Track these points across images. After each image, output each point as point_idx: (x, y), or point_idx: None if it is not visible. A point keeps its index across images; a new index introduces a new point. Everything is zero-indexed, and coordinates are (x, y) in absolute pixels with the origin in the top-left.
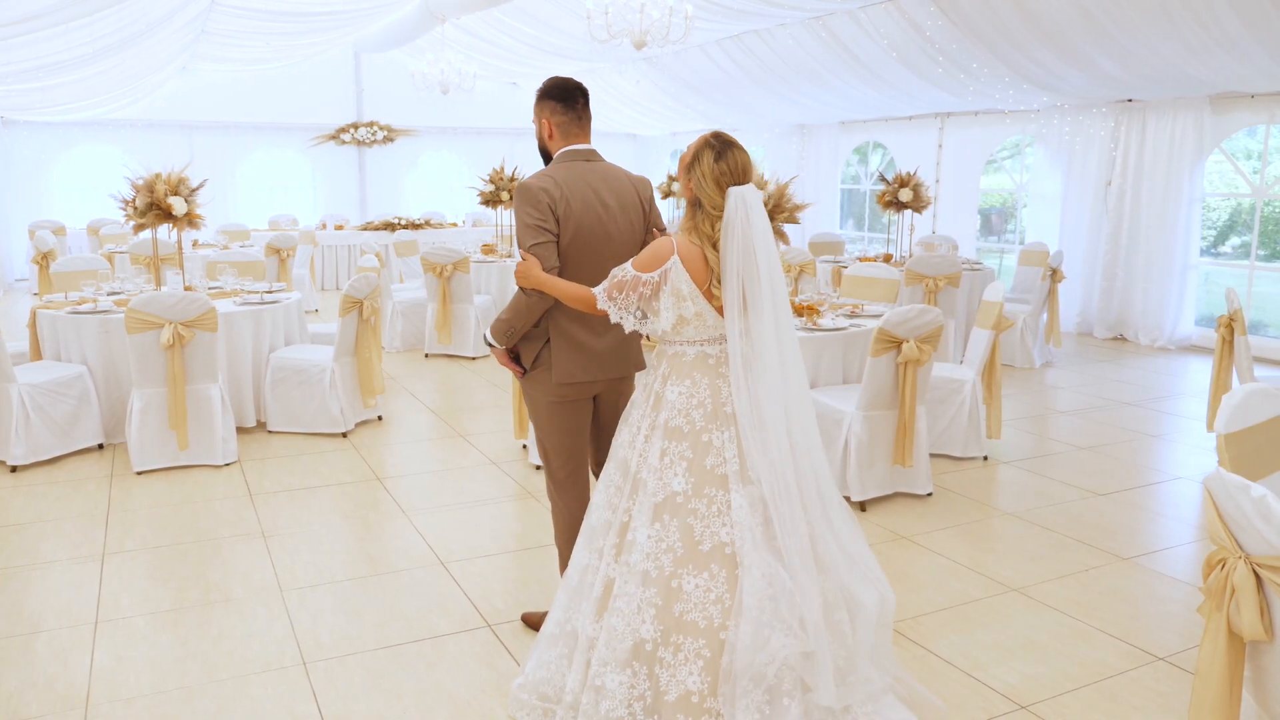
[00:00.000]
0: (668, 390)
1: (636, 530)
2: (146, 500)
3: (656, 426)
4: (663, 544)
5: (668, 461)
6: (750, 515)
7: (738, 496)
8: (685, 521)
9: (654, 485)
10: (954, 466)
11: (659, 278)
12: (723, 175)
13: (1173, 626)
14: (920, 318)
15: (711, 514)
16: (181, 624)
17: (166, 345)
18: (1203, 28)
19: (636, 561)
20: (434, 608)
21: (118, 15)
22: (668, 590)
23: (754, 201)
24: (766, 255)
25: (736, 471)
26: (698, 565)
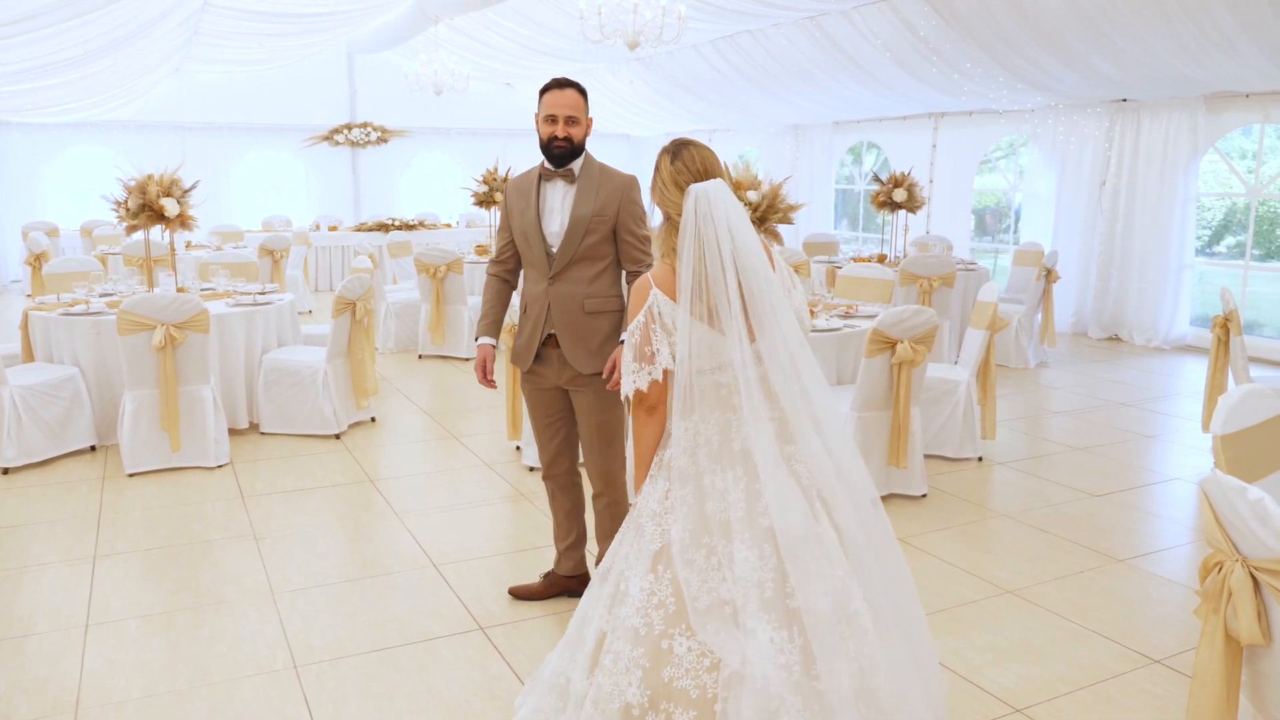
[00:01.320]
0: (674, 425)
1: (630, 580)
2: (138, 502)
3: (660, 465)
4: (654, 598)
5: (669, 505)
6: (759, 569)
7: (743, 548)
8: (680, 574)
9: (651, 531)
10: (949, 467)
11: (644, 317)
12: (680, 173)
13: (1169, 629)
14: (914, 318)
15: (710, 567)
16: (173, 627)
17: (158, 347)
18: (1198, 27)
19: (626, 616)
20: (426, 610)
21: (110, 16)
22: (657, 651)
23: (716, 195)
24: (735, 252)
25: (743, 518)
26: (690, 626)
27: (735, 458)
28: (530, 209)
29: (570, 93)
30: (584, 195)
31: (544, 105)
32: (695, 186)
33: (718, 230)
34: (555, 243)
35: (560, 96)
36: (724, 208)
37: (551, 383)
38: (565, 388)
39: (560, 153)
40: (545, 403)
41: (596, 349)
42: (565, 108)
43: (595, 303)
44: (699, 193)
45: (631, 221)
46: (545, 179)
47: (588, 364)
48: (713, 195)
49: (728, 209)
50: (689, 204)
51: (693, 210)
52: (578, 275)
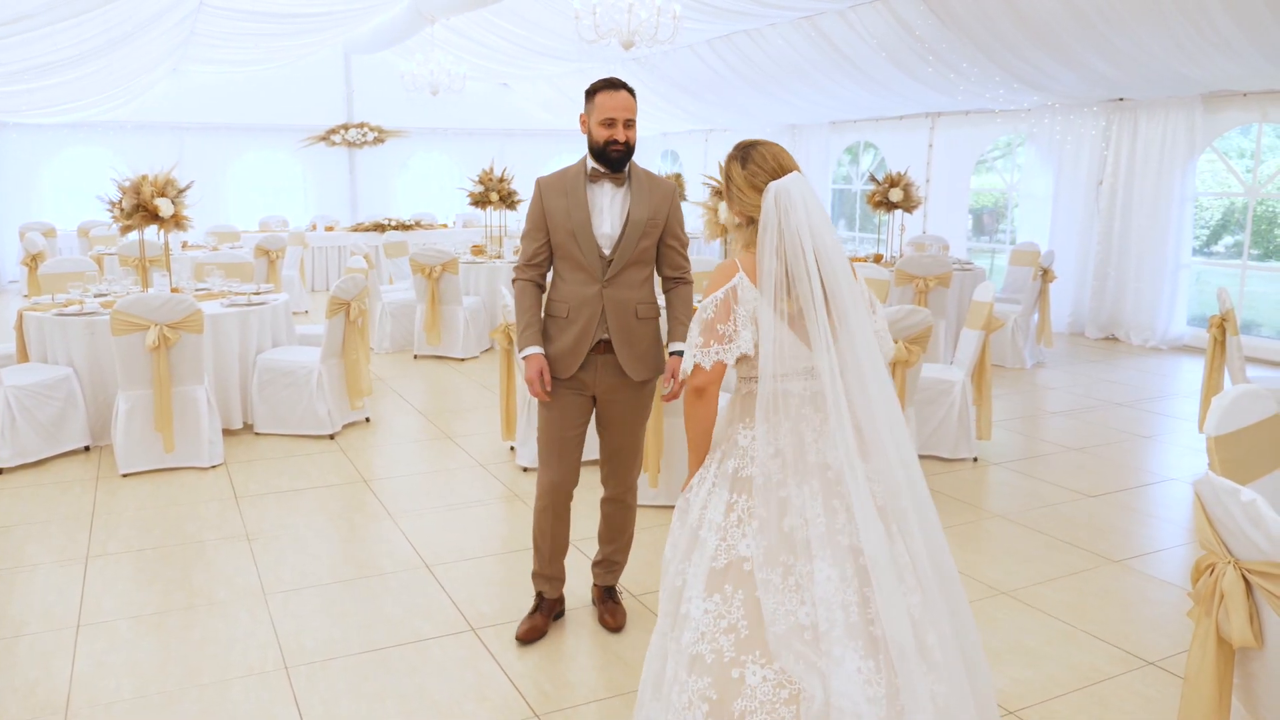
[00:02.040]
0: (739, 434)
1: (690, 601)
2: (131, 503)
3: (724, 476)
4: (723, 621)
5: (735, 519)
6: (842, 590)
7: (824, 566)
8: (753, 595)
9: (715, 546)
10: (944, 468)
11: (725, 295)
12: (754, 175)
13: (1163, 630)
14: (909, 318)
15: (788, 588)
16: (164, 628)
17: (152, 347)
18: (1194, 26)
19: (688, 642)
20: (418, 611)
21: (105, 17)
22: (726, 682)
23: (797, 191)
24: (816, 252)
25: (823, 535)
26: (767, 652)
27: (812, 471)
28: (579, 210)
29: (624, 95)
30: (639, 198)
31: (599, 108)
32: (774, 184)
33: (799, 228)
34: (607, 245)
35: (617, 99)
36: (804, 205)
37: (590, 390)
38: (599, 396)
39: (618, 156)
40: (575, 413)
41: (643, 354)
42: (624, 110)
43: (646, 308)
44: (778, 189)
45: (677, 227)
46: (591, 180)
47: (638, 370)
48: (793, 192)
49: (808, 206)
50: (769, 201)
51: (773, 206)
52: (630, 279)
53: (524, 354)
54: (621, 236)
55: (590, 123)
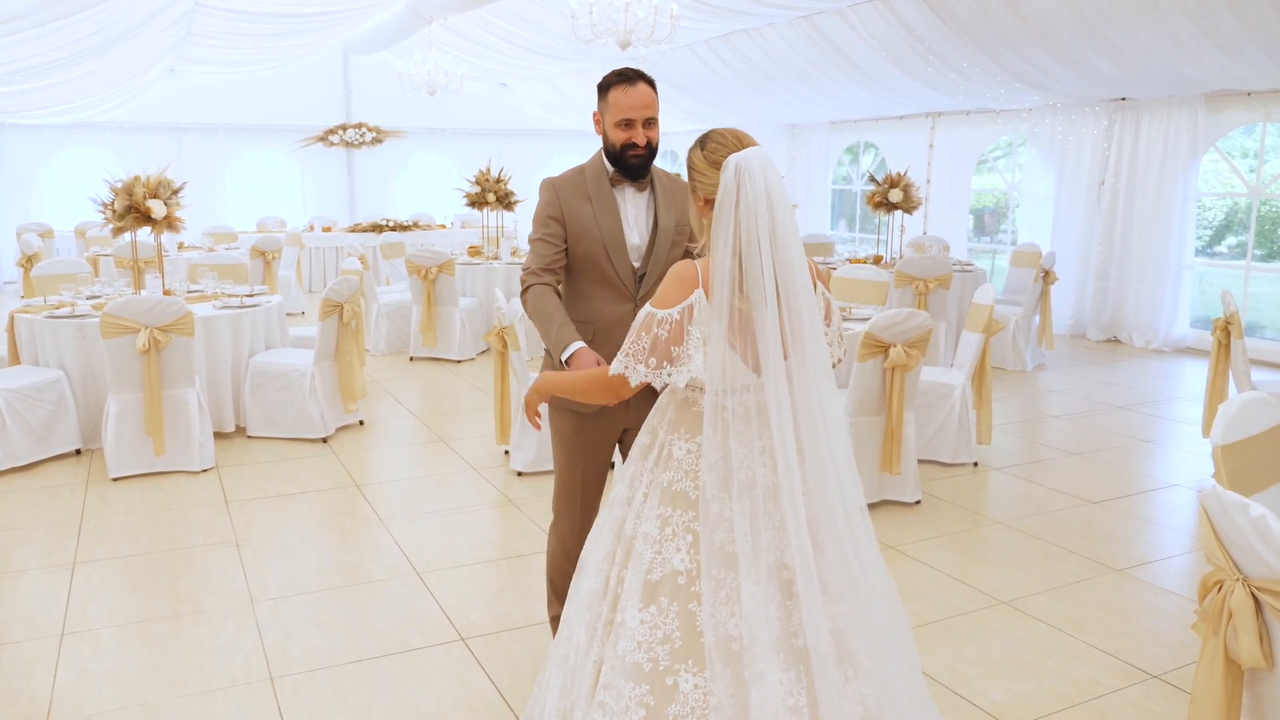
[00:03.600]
0: (675, 446)
1: (626, 611)
2: (121, 507)
3: (656, 486)
4: (658, 632)
5: (669, 532)
6: (764, 606)
7: (748, 583)
8: (687, 607)
9: (650, 559)
10: (943, 473)
11: (681, 315)
12: (714, 152)
13: (1166, 642)
14: (908, 321)
15: (719, 601)
16: (149, 636)
17: (142, 350)
18: (1196, 25)
19: (626, 651)
20: (407, 620)
21: (97, 17)
22: (661, 689)
23: (755, 160)
24: (773, 232)
25: (749, 552)
26: (699, 661)
27: (742, 488)
28: (609, 217)
29: (642, 88)
30: (664, 202)
31: (614, 106)
32: (733, 156)
33: (756, 200)
34: (636, 257)
35: (634, 95)
36: (764, 177)
37: (620, 425)
38: (630, 428)
39: (638, 163)
40: (601, 453)
41: None
42: (643, 108)
43: None
44: (738, 161)
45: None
46: (613, 184)
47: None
48: (753, 161)
49: (768, 179)
50: (728, 173)
51: (732, 177)
52: None
53: (569, 353)
54: (651, 246)
55: (605, 123)
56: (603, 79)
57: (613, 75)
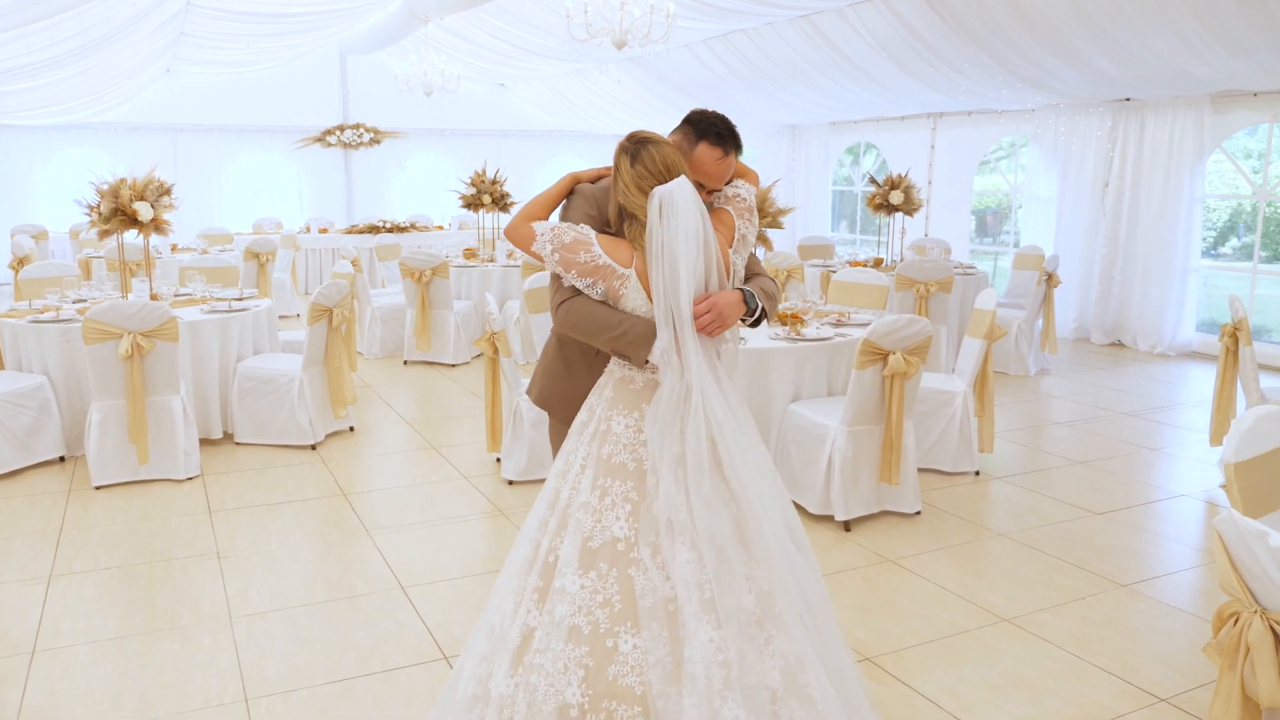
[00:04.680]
0: (614, 421)
1: (565, 577)
2: (102, 517)
3: (594, 459)
4: (598, 596)
5: (609, 502)
6: (698, 570)
7: (683, 550)
8: (626, 572)
9: (590, 527)
10: (944, 482)
11: (602, 265)
12: (642, 178)
13: (1175, 664)
14: (908, 328)
15: (655, 565)
16: (122, 654)
17: (125, 356)
18: (1202, 23)
19: (564, 615)
20: (389, 637)
21: (78, 20)
22: (601, 650)
23: (682, 200)
24: (690, 268)
25: (684, 521)
26: (637, 623)
27: (676, 460)
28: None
29: (732, 159)
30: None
31: (698, 162)
32: (658, 190)
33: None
34: None
35: (722, 166)
36: (686, 213)
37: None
38: None
39: None
40: None
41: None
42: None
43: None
44: (660, 197)
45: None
46: None
47: None
48: (676, 200)
49: (687, 217)
50: (653, 209)
51: (654, 219)
52: None
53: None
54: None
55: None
56: (703, 121)
57: (711, 128)
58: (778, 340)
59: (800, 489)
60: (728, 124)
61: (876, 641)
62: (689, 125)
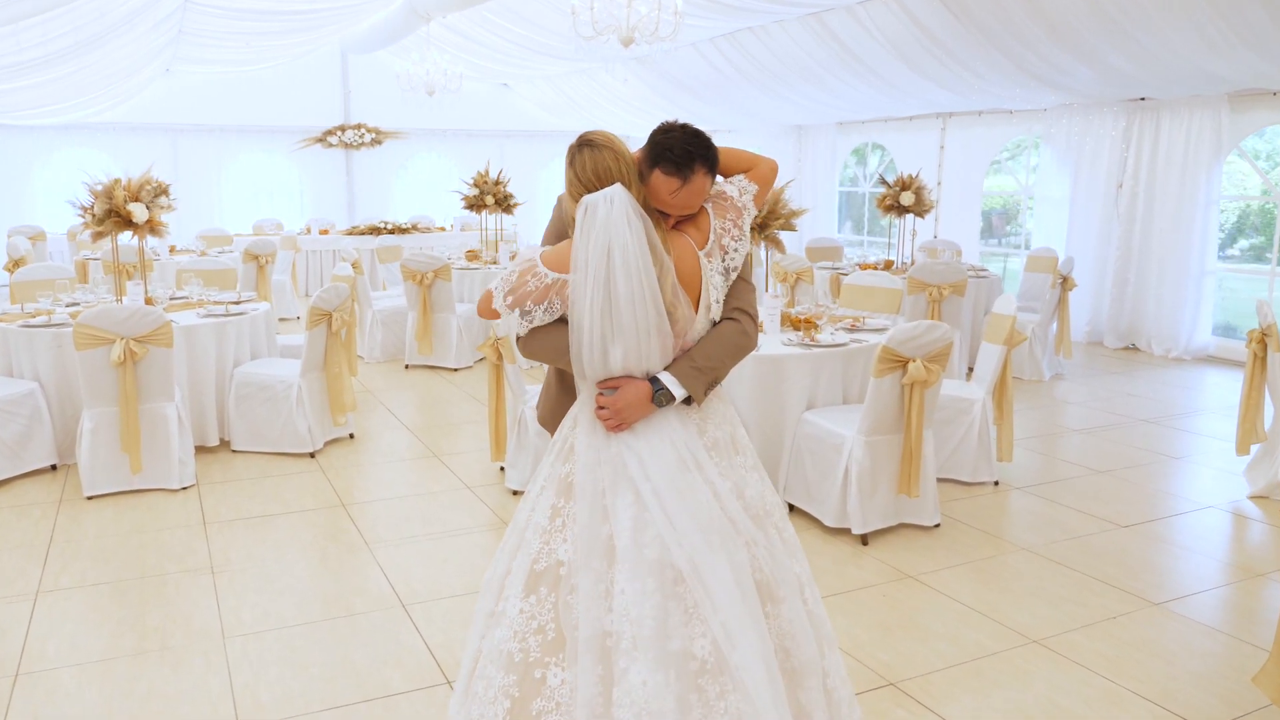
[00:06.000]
0: (577, 438)
1: (509, 600)
2: (93, 529)
3: (553, 478)
4: (534, 622)
5: (559, 524)
6: (639, 604)
7: (623, 578)
8: (564, 599)
9: (538, 549)
10: (962, 493)
11: (553, 283)
12: (572, 184)
13: (1214, 688)
14: (928, 334)
15: (596, 594)
16: (109, 678)
17: (117, 362)
18: (1223, 18)
19: (501, 639)
20: (389, 659)
21: (70, 17)
22: (528, 681)
23: (603, 213)
24: (629, 292)
25: (628, 546)
26: (570, 655)
27: (630, 482)
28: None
29: (697, 182)
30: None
31: (652, 189)
32: (584, 200)
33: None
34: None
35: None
36: (619, 230)
37: None
38: None
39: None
40: None
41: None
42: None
43: None
44: (587, 205)
45: None
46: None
47: None
48: (598, 215)
49: (609, 236)
50: (579, 219)
51: (578, 235)
52: None
53: None
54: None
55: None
56: (660, 144)
57: (665, 153)
58: (791, 346)
59: (816, 501)
60: (688, 145)
61: (900, 665)
62: (648, 145)
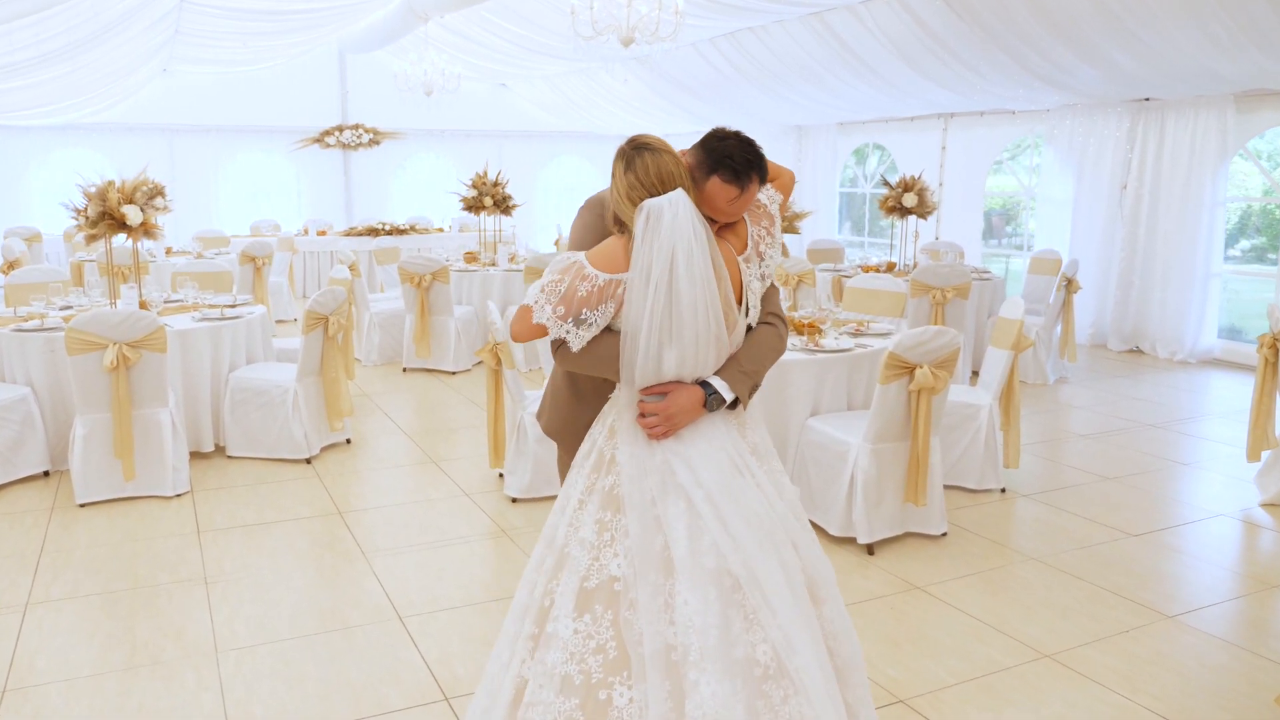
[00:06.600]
0: (618, 449)
1: (559, 621)
2: (84, 538)
3: (595, 491)
4: (592, 642)
5: (607, 538)
6: (702, 614)
7: (684, 589)
8: (623, 615)
9: (586, 565)
10: (969, 500)
11: (605, 284)
12: (633, 188)
13: (1233, 706)
14: (935, 340)
15: (656, 608)
16: (99, 694)
17: (110, 367)
18: (1229, 16)
19: (556, 662)
20: (386, 675)
21: (65, 17)
22: (592, 703)
23: (669, 219)
24: (692, 298)
25: (684, 556)
26: (635, 673)
27: (680, 490)
28: None
29: (753, 189)
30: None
31: (708, 196)
32: (646, 204)
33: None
34: None
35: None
36: (685, 233)
37: None
38: None
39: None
40: None
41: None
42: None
43: None
44: (649, 212)
45: None
46: None
47: None
48: (668, 218)
49: (686, 238)
50: (639, 223)
51: (641, 232)
52: None
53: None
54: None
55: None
56: (719, 150)
57: (726, 160)
58: (795, 351)
59: (820, 510)
60: (747, 154)
61: (911, 681)
62: (704, 151)
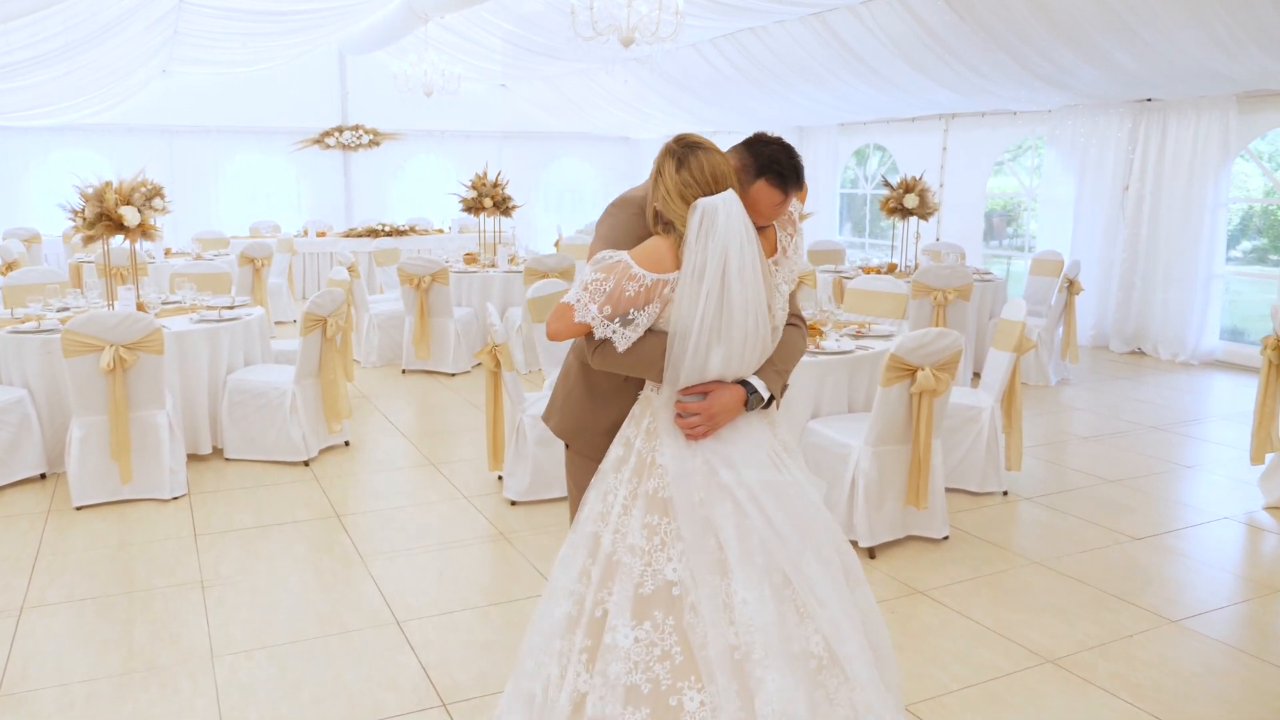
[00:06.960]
0: (658, 451)
1: (616, 631)
2: (80, 541)
3: (639, 496)
4: (656, 649)
5: (658, 542)
6: (759, 612)
7: (740, 588)
8: (684, 619)
9: (639, 572)
10: (971, 503)
11: (654, 283)
12: (687, 186)
13: (1239, 713)
14: (937, 342)
15: (715, 609)
16: (92, 702)
17: (107, 370)
18: (1232, 16)
19: (619, 674)
20: (383, 680)
21: (61, 17)
22: (663, 710)
23: (724, 218)
24: (744, 299)
25: (738, 557)
26: (706, 676)
27: (725, 490)
28: None
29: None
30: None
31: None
32: (701, 203)
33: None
34: None
35: (780, 209)
36: (738, 230)
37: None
38: None
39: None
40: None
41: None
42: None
43: None
44: (704, 211)
45: None
46: None
47: None
48: (721, 217)
49: (739, 235)
50: (693, 222)
51: (695, 231)
52: None
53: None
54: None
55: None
56: (766, 154)
57: (774, 164)
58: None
59: None
60: (793, 160)
61: (913, 687)
62: (750, 154)
